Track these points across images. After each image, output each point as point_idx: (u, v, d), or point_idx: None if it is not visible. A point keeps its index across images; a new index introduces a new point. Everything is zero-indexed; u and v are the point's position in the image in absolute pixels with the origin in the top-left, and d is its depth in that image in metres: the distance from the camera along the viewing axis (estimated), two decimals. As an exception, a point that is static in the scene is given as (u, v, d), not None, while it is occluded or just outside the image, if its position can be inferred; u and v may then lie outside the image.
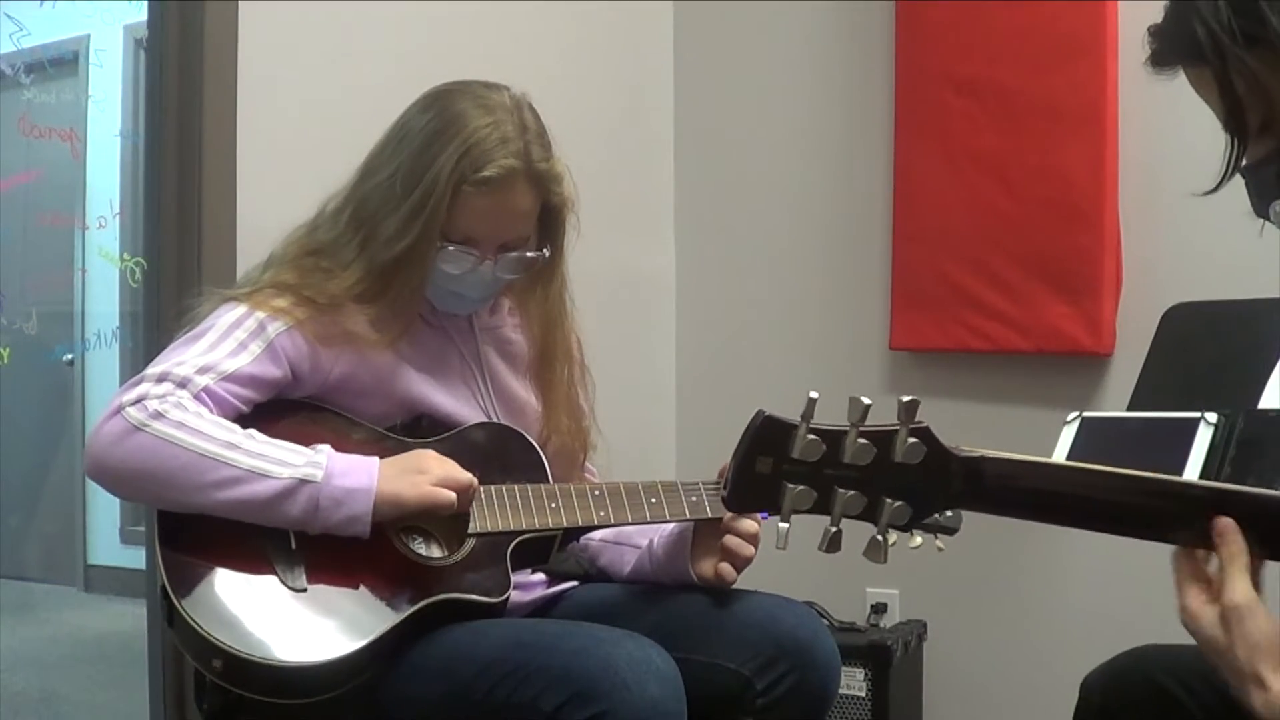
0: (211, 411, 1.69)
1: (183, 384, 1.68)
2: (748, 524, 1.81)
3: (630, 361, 3.08)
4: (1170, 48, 1.23)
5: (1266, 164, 1.21)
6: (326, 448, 1.69)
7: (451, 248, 1.79)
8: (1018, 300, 2.83)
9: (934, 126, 2.92)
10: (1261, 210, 1.26)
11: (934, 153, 2.92)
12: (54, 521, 5.14)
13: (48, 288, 4.55)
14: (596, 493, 1.81)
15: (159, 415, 1.64)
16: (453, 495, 1.68)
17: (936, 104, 2.91)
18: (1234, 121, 1.20)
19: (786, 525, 1.08)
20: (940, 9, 2.90)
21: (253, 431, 1.68)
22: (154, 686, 2.42)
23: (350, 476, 1.65)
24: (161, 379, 1.68)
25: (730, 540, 1.81)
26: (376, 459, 1.69)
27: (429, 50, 2.31)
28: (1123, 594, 2.71)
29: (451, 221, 1.78)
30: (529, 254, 1.85)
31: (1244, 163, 1.22)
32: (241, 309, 1.77)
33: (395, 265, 1.77)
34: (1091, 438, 1.38)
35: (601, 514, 1.80)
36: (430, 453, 1.73)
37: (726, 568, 1.80)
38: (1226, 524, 1.10)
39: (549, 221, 1.86)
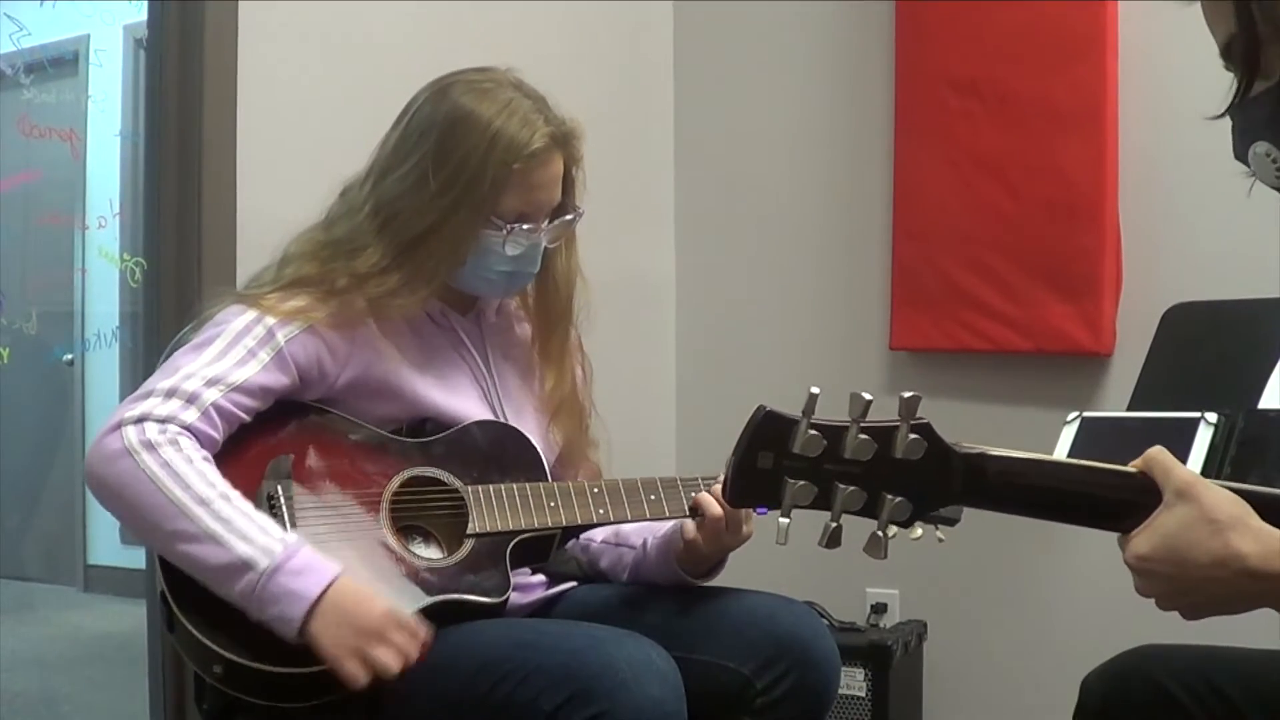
0: (218, 430, 1.68)
1: (191, 400, 1.66)
2: (713, 492, 1.79)
3: (630, 361, 3.08)
4: None
5: (1260, 101, 1.20)
6: (296, 538, 1.62)
7: (512, 228, 1.80)
8: (1018, 300, 2.83)
9: (934, 126, 2.91)
10: (1241, 152, 1.24)
11: (934, 153, 2.92)
12: (54, 521, 5.14)
13: (48, 288, 4.55)
14: (595, 490, 1.81)
15: (150, 447, 1.62)
16: (361, 680, 1.57)
17: (936, 104, 2.90)
18: (1244, 51, 1.19)
19: (787, 521, 1.08)
20: (940, 9, 2.90)
21: (234, 494, 1.63)
22: (154, 687, 2.42)
23: (300, 578, 1.58)
24: (169, 395, 1.66)
25: (701, 498, 1.79)
26: (335, 570, 1.60)
27: (428, 51, 2.31)
28: (1123, 594, 2.70)
29: (503, 204, 1.79)
30: (569, 216, 1.88)
31: (1250, 94, 1.20)
32: (251, 314, 1.75)
33: (420, 239, 1.78)
34: (1091, 437, 1.38)
35: (601, 512, 1.80)
36: (384, 614, 1.60)
37: (689, 525, 1.79)
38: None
39: (566, 182, 1.88)
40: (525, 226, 1.82)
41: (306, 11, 2.53)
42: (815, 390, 1.05)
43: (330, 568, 1.61)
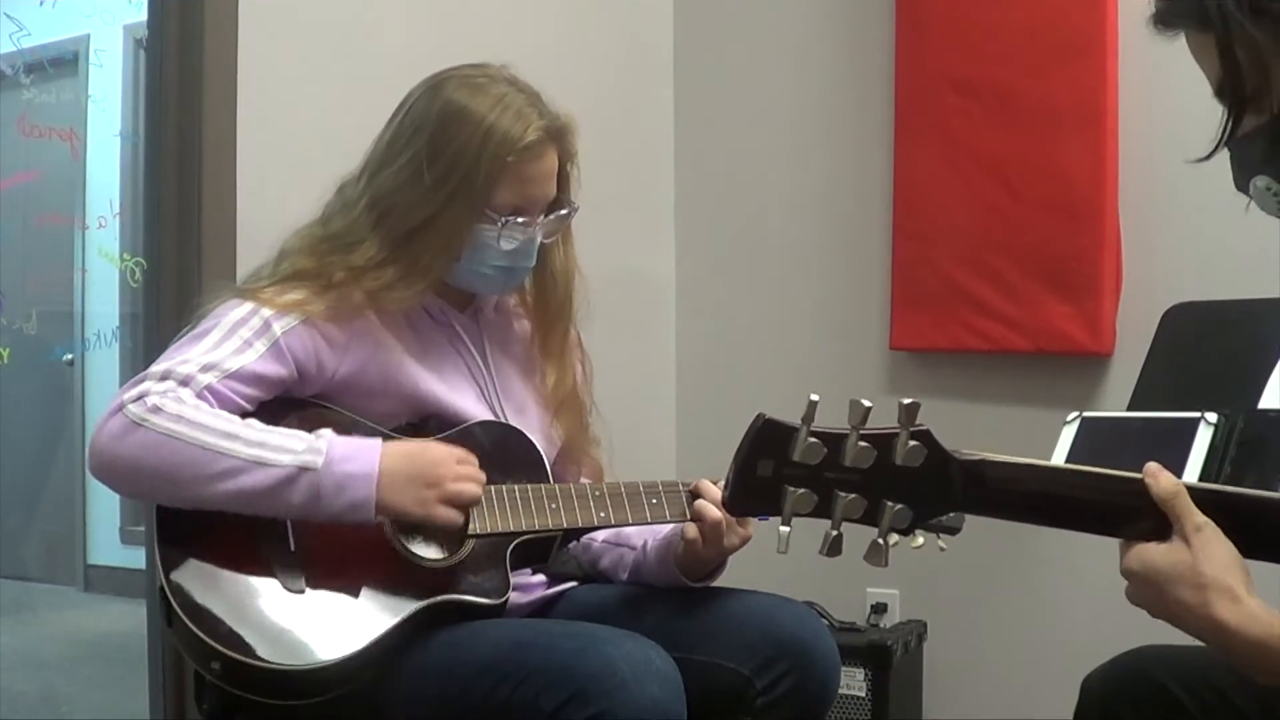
0: (212, 406, 1.69)
1: (185, 382, 1.68)
2: (712, 490, 1.79)
3: (630, 361, 3.07)
4: (1176, 10, 1.23)
5: (1254, 137, 1.21)
6: (328, 432, 1.68)
7: (506, 221, 1.81)
8: (1018, 300, 2.83)
9: (934, 126, 2.91)
10: (1242, 184, 1.27)
11: (934, 153, 2.92)
12: (54, 521, 5.14)
13: (48, 288, 4.55)
14: (597, 493, 1.81)
15: (157, 410, 1.63)
16: (459, 518, 1.69)
17: (936, 104, 2.90)
18: (1232, 90, 1.20)
19: (788, 529, 1.08)
20: (940, 8, 2.90)
21: (251, 420, 1.68)
22: (154, 686, 2.42)
23: (351, 462, 1.65)
24: (164, 377, 1.68)
25: (699, 504, 1.79)
26: (378, 443, 1.68)
27: (428, 50, 2.31)
28: (1123, 595, 2.71)
29: (497, 198, 1.80)
30: (563, 211, 1.88)
31: (1239, 133, 1.22)
32: (247, 306, 1.76)
33: (415, 233, 1.78)
34: (1091, 438, 1.38)
35: (602, 515, 1.80)
36: (440, 453, 1.71)
37: (691, 526, 1.79)
38: (1154, 466, 1.13)
39: (561, 177, 1.88)
40: (520, 220, 1.82)
41: (306, 11, 2.53)
42: (815, 397, 1.05)
43: (372, 441, 1.68)
